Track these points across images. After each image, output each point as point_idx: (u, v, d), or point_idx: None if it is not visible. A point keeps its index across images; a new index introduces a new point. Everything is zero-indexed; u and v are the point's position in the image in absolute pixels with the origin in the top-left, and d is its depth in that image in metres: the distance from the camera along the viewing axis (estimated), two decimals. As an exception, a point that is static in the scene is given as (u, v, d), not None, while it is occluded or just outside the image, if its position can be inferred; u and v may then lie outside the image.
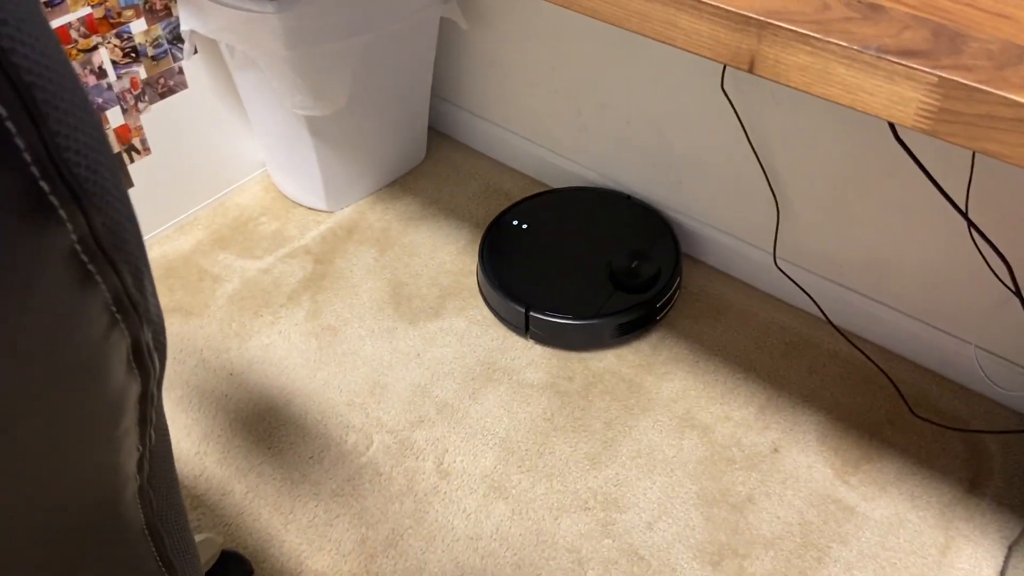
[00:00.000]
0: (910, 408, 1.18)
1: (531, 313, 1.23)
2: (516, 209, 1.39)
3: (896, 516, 1.06)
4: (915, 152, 1.05)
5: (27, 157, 0.26)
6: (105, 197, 0.29)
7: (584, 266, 1.29)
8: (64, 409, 0.32)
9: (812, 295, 1.29)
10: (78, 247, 0.29)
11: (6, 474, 0.31)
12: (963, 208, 1.06)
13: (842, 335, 1.28)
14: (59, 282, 0.28)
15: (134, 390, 0.36)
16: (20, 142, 0.25)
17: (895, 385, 1.21)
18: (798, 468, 1.11)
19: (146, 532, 0.45)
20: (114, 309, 0.32)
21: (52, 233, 0.27)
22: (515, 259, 1.30)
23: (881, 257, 1.20)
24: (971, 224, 1.01)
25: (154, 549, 0.47)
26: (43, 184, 0.26)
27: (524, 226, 1.34)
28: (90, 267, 0.30)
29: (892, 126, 0.90)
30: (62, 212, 0.27)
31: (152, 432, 0.41)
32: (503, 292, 1.25)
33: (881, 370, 1.23)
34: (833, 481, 1.10)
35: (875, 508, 1.07)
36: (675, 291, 1.29)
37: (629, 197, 1.40)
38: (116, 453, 0.37)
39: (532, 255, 1.31)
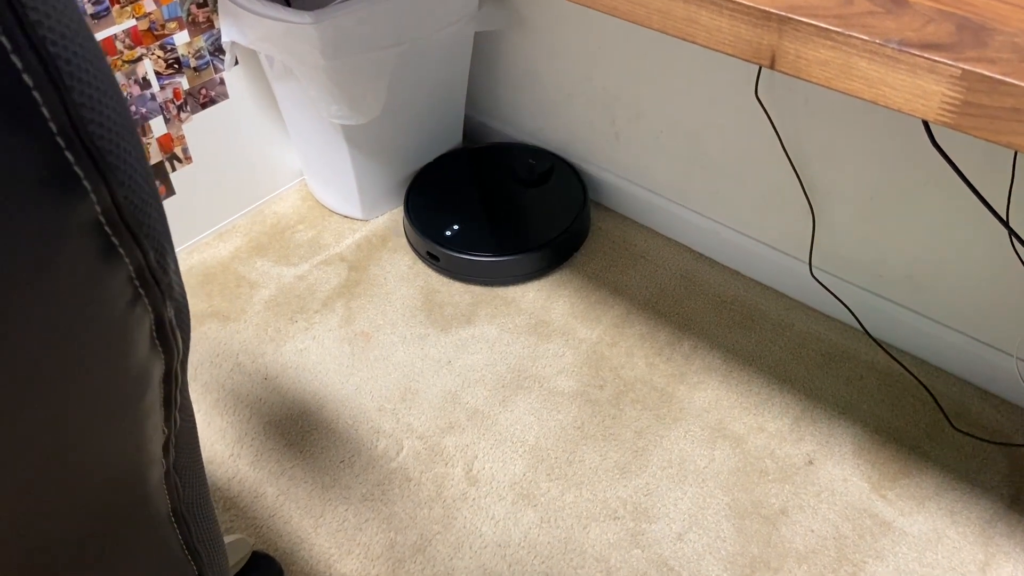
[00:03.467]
0: (950, 421, 1.15)
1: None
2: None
3: (934, 531, 1.04)
4: (953, 158, 1.03)
5: (52, 127, 0.27)
6: (128, 172, 0.30)
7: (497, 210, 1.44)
8: (87, 380, 0.33)
9: (849, 305, 1.27)
10: (102, 219, 0.30)
11: (32, 442, 0.32)
12: (1004, 216, 1.03)
13: (880, 346, 1.25)
14: (82, 253, 0.30)
15: (158, 367, 0.37)
16: (46, 111, 0.26)
17: (934, 398, 1.18)
18: (833, 481, 1.09)
19: (172, 519, 0.46)
20: (137, 284, 0.33)
21: (77, 203, 0.28)
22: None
23: (919, 267, 1.18)
24: (1012, 233, 0.99)
25: (180, 536, 0.47)
26: (68, 154, 0.27)
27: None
28: (113, 239, 0.31)
29: (928, 131, 0.88)
30: (86, 183, 0.28)
31: (178, 415, 0.42)
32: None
33: (920, 382, 1.20)
34: (869, 495, 1.08)
35: (913, 523, 1.05)
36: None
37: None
38: (139, 429, 0.38)
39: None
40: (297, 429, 1.17)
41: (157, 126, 1.29)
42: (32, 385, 0.31)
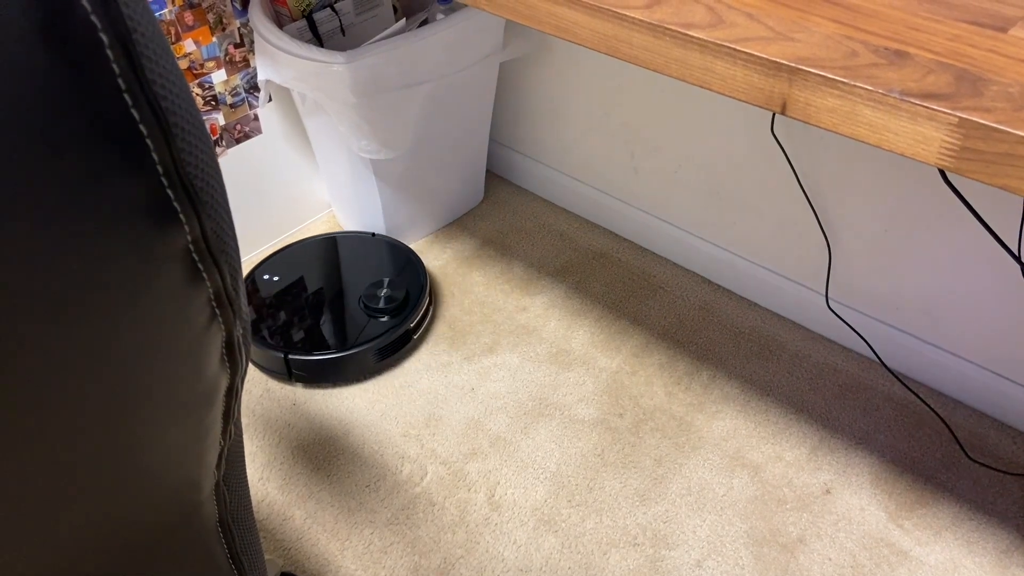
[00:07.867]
0: (966, 452, 1.17)
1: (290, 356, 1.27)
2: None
3: (951, 561, 1.05)
4: (966, 195, 1.06)
5: (159, 169, 0.31)
6: (215, 207, 0.35)
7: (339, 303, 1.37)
8: (167, 391, 0.37)
9: (865, 337, 1.29)
10: (191, 247, 0.34)
11: (116, 445, 0.36)
12: (1015, 251, 1.06)
13: (896, 378, 1.27)
14: (175, 276, 0.34)
15: (224, 382, 0.41)
16: (155, 156, 0.31)
17: (950, 429, 1.20)
18: (850, 510, 1.11)
19: (219, 529, 0.50)
20: (214, 304, 0.37)
21: (173, 234, 0.33)
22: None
23: (934, 299, 1.20)
24: (1024, 266, 1.01)
25: (225, 546, 0.51)
26: (169, 192, 0.32)
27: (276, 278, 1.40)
28: (199, 265, 0.35)
29: (942, 171, 0.91)
30: (182, 216, 0.33)
31: (232, 428, 0.46)
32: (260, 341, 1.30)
33: (936, 413, 1.22)
34: (886, 524, 1.09)
35: (930, 553, 1.06)
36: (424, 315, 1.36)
37: (374, 234, 1.48)
38: (202, 440, 0.42)
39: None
40: (324, 454, 1.20)
41: (194, 160, 1.34)
42: (122, 392, 0.34)
